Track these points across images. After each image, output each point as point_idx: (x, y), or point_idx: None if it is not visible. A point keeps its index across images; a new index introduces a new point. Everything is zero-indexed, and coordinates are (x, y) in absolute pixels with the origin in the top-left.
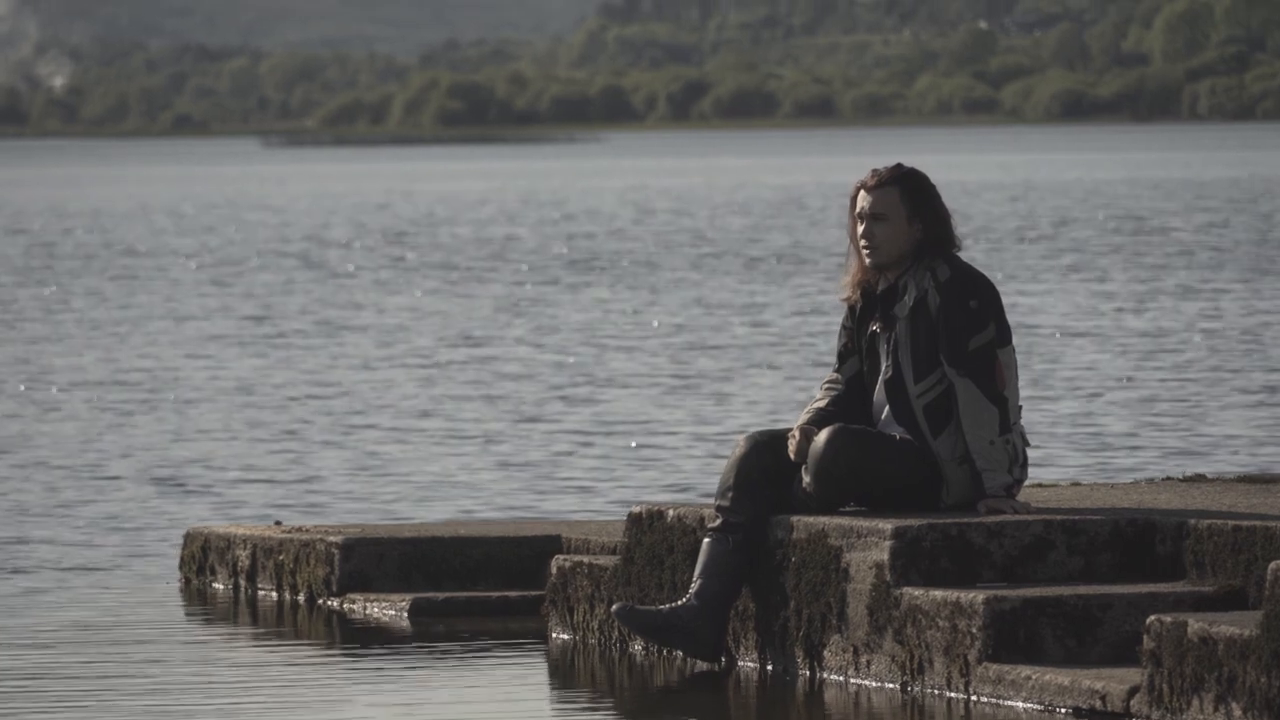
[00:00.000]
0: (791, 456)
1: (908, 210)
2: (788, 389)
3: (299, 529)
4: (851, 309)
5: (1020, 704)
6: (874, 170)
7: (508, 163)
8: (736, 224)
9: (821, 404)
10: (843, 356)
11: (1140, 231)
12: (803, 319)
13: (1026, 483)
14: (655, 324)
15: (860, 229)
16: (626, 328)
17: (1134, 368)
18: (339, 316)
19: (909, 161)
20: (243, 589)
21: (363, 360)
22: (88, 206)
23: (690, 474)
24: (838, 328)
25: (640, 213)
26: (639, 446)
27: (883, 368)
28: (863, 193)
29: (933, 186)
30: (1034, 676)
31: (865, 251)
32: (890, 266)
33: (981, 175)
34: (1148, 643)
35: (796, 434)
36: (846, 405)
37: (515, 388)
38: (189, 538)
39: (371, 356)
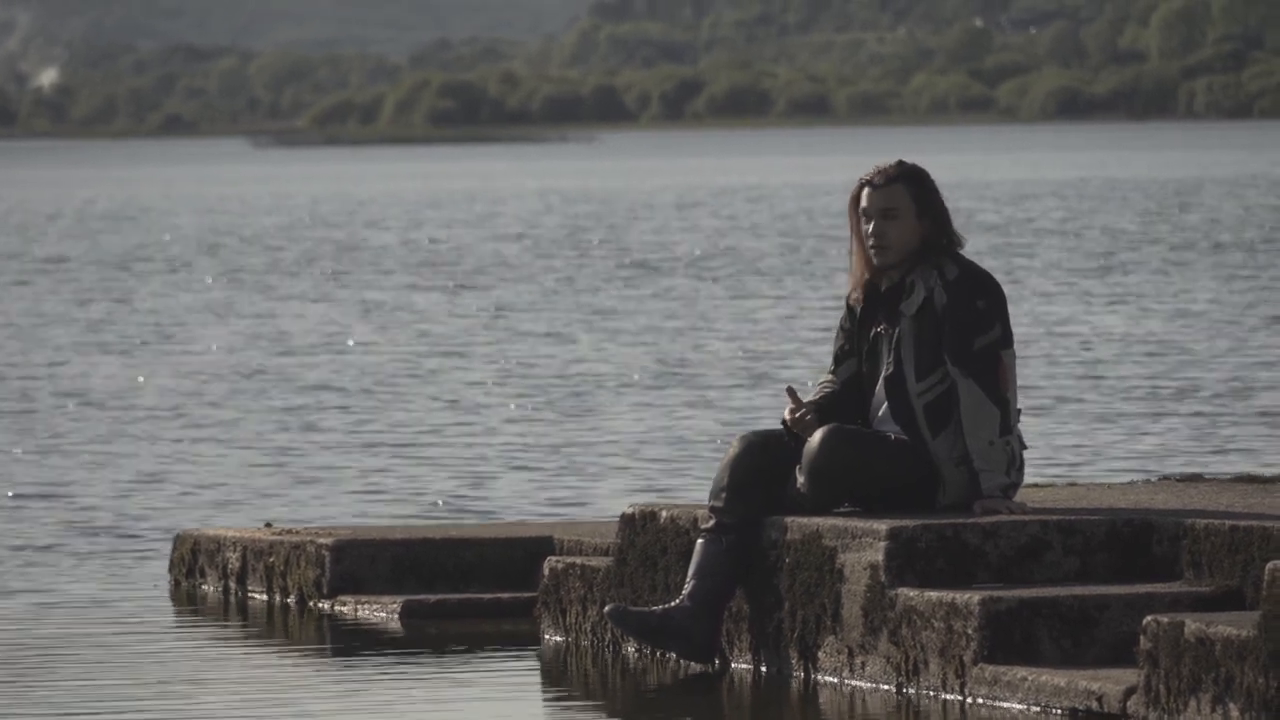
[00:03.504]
0: (782, 421)
1: (916, 206)
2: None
3: (289, 531)
4: (851, 310)
5: (1016, 705)
6: (877, 167)
7: (484, 164)
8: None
9: (816, 399)
10: (839, 359)
11: (1130, 230)
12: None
13: (1022, 485)
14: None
15: (870, 227)
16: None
17: (1132, 366)
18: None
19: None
20: (233, 591)
21: (336, 363)
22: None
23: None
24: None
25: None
26: (625, 447)
27: (884, 364)
28: (869, 190)
29: (935, 183)
30: (1030, 678)
31: (874, 250)
32: (898, 264)
33: (972, 174)
34: (1144, 643)
35: (792, 410)
36: (841, 406)
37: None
38: (179, 540)
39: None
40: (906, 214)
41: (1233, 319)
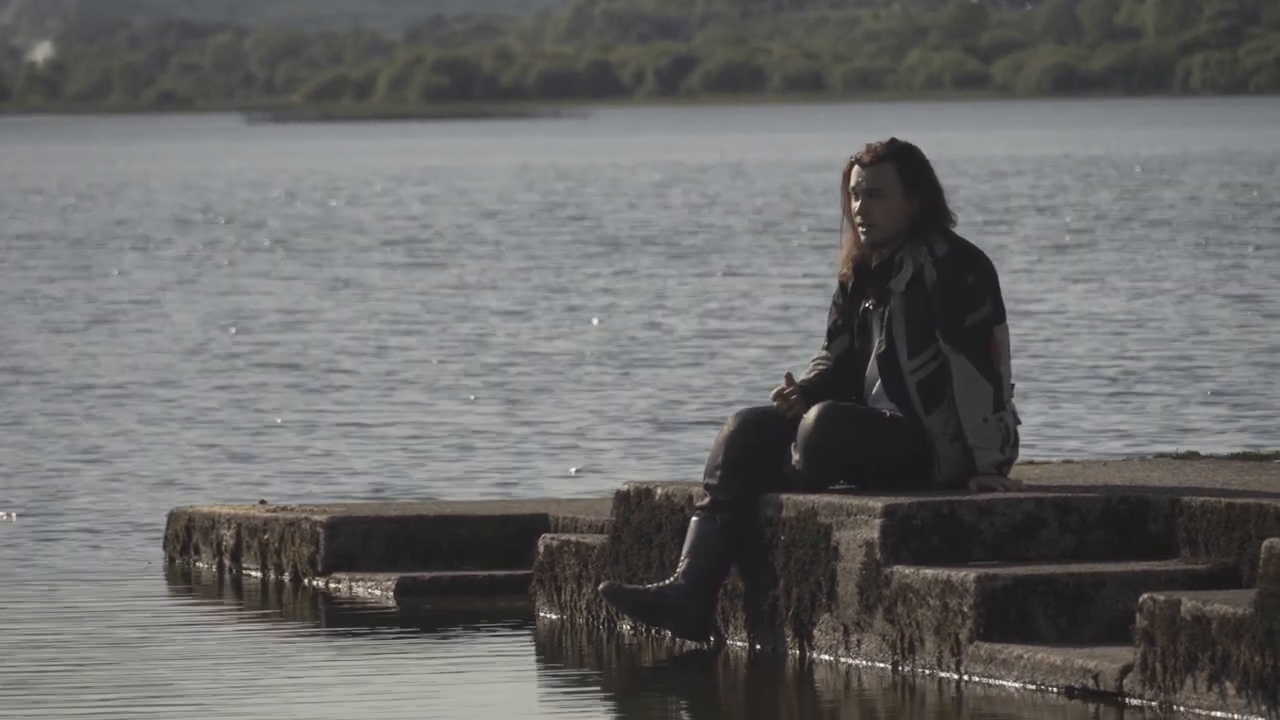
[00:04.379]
0: (771, 398)
1: (903, 186)
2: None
3: (284, 508)
4: (843, 286)
5: (1012, 683)
6: (868, 145)
7: (473, 140)
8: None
9: (809, 377)
10: (832, 334)
11: (1104, 206)
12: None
13: (1017, 461)
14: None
15: (856, 205)
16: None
17: (1126, 344)
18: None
19: (900, 136)
20: (227, 568)
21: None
22: None
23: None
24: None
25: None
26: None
27: (876, 342)
28: (857, 168)
29: (927, 161)
30: (1026, 656)
31: (861, 228)
32: (885, 243)
33: (962, 151)
34: (1141, 621)
35: (781, 389)
36: (835, 383)
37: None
38: (173, 517)
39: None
40: (892, 193)
41: (1199, 297)
